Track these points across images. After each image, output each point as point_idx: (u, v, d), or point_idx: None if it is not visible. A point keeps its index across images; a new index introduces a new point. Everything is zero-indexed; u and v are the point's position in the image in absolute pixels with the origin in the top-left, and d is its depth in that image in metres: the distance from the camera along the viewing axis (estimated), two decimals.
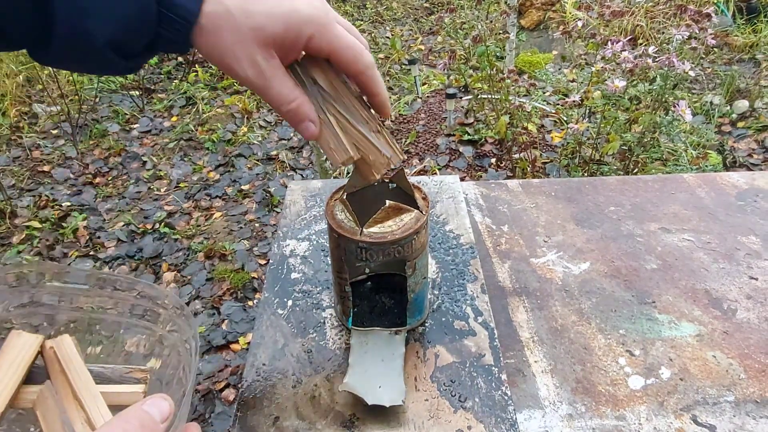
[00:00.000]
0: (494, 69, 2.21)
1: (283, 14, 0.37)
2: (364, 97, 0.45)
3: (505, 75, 2.13)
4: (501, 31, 2.77)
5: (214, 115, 2.89)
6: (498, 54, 2.97)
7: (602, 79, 1.77)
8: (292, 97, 0.40)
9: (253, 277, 1.96)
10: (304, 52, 0.41)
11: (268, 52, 0.38)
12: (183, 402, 0.34)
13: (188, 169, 2.56)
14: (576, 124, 1.83)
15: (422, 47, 3.66)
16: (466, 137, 2.58)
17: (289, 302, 0.63)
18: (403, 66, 3.36)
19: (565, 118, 2.61)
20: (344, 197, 0.53)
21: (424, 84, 3.10)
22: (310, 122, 0.42)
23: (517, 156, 2.33)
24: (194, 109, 2.95)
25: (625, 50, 1.60)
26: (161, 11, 0.35)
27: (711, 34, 1.56)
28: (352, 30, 0.42)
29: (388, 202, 0.52)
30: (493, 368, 0.54)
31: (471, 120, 2.67)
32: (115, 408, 0.37)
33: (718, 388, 0.54)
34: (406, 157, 2.55)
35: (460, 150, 2.54)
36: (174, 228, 2.21)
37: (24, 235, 2.14)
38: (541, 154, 2.41)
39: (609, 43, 1.62)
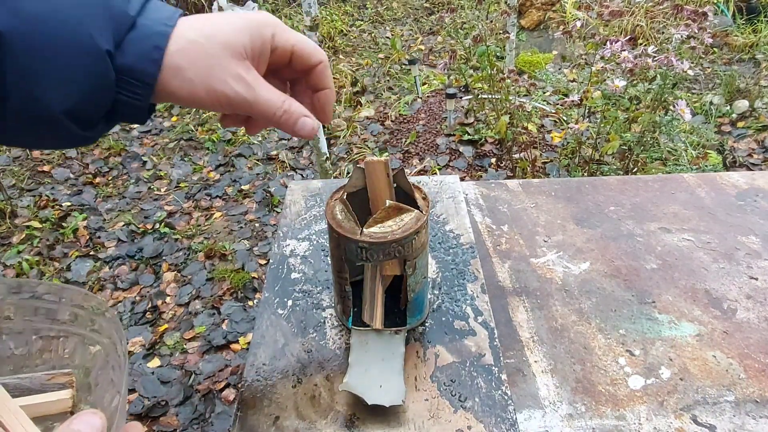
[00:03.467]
0: (494, 69, 2.21)
1: (243, 25, 0.38)
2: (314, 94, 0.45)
3: (505, 75, 2.14)
4: (501, 31, 2.77)
5: (214, 115, 2.89)
6: (498, 54, 2.97)
7: (602, 79, 1.77)
8: (282, 99, 0.41)
9: (253, 277, 1.96)
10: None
11: (245, 63, 0.39)
12: (119, 406, 0.32)
13: (188, 169, 2.56)
14: (576, 124, 1.83)
15: (422, 47, 3.66)
16: (466, 137, 2.58)
17: (290, 302, 0.63)
18: (403, 66, 3.36)
19: (565, 118, 2.61)
20: (344, 197, 0.53)
21: (424, 84, 3.10)
22: (305, 118, 0.42)
23: (517, 156, 2.33)
24: (194, 109, 2.95)
25: (624, 50, 1.60)
26: (120, 77, 0.35)
27: (709, 33, 1.56)
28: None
29: (388, 202, 0.52)
30: (493, 368, 0.55)
31: (471, 120, 2.67)
32: (43, 420, 0.34)
33: (718, 388, 0.54)
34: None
35: (460, 150, 2.54)
36: (174, 228, 2.21)
37: (24, 235, 2.14)
38: (541, 154, 2.41)
39: (608, 43, 1.62)
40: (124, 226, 2.21)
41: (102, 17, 0.34)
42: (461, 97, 2.85)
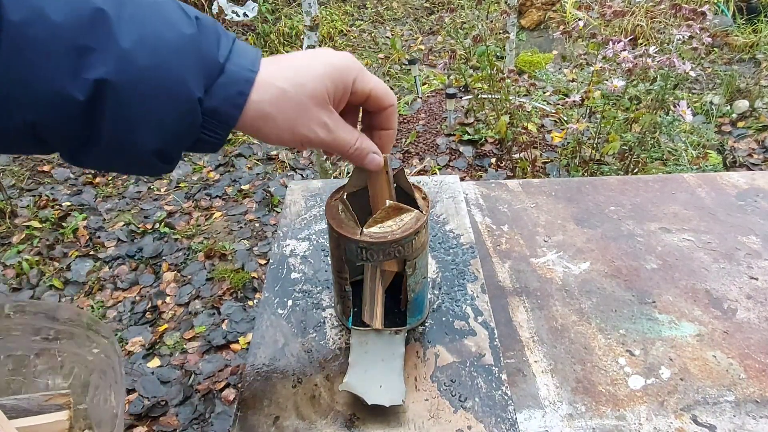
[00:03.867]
0: (494, 69, 2.21)
1: (328, 73, 0.41)
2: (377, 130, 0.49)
3: (505, 75, 2.14)
4: (501, 31, 2.77)
5: None
6: (498, 54, 2.97)
7: (602, 79, 1.77)
8: (355, 138, 0.44)
9: (253, 277, 1.96)
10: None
11: (329, 109, 0.42)
12: (117, 424, 0.33)
13: (188, 169, 2.56)
14: (576, 124, 1.83)
15: (422, 47, 3.66)
16: (466, 137, 2.58)
17: (289, 302, 0.63)
18: (403, 66, 3.36)
19: (565, 118, 2.61)
20: (344, 197, 0.53)
21: (424, 84, 3.10)
22: (373, 154, 0.46)
23: (517, 156, 2.33)
24: None
25: (625, 50, 1.60)
26: (205, 118, 0.37)
27: (708, 33, 1.56)
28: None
29: (388, 201, 0.52)
30: (493, 368, 0.54)
31: (471, 120, 2.67)
32: None
33: (718, 388, 0.54)
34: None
35: (460, 150, 2.54)
36: (174, 228, 2.21)
37: (24, 235, 2.14)
38: (541, 154, 2.41)
39: (609, 43, 1.62)
40: (123, 226, 2.21)
41: (196, 65, 0.36)
42: (461, 97, 2.85)
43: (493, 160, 2.47)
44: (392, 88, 3.19)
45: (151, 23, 0.34)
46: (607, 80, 1.65)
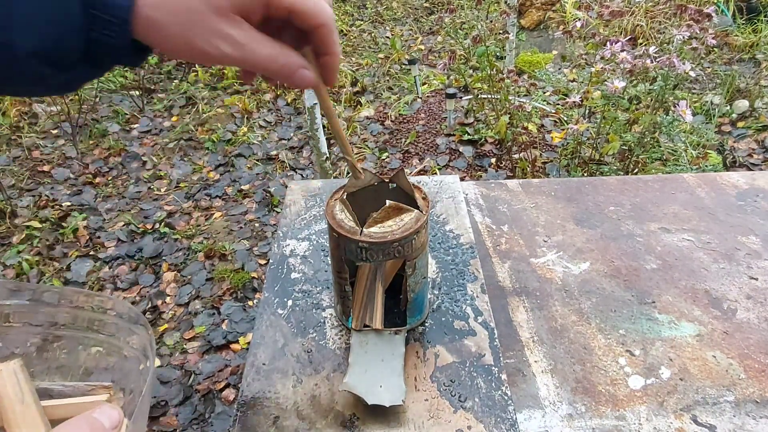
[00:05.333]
0: (494, 69, 2.21)
1: None
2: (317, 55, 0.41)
3: (504, 75, 2.14)
4: (501, 31, 2.77)
5: (214, 115, 2.89)
6: (498, 54, 2.97)
7: (602, 79, 1.77)
8: (275, 53, 0.37)
9: (253, 277, 1.96)
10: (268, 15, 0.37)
11: (234, 19, 0.35)
12: (138, 411, 0.35)
13: (188, 169, 2.56)
14: (576, 124, 1.83)
15: (422, 47, 3.66)
16: (466, 137, 2.58)
17: (289, 302, 0.63)
18: (403, 66, 3.36)
19: (565, 118, 2.61)
20: (344, 197, 0.53)
21: (424, 84, 3.10)
22: (302, 69, 0.39)
23: (517, 156, 2.33)
24: (194, 109, 2.95)
25: (624, 50, 1.60)
26: (91, 12, 0.32)
27: (711, 34, 1.56)
28: None
29: (388, 202, 0.52)
30: (493, 368, 0.54)
31: (471, 120, 2.68)
32: None
33: (718, 388, 0.54)
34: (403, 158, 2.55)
35: (460, 150, 2.54)
36: (174, 228, 2.21)
37: (24, 235, 2.14)
38: (541, 154, 2.41)
39: (608, 43, 1.62)
40: (123, 226, 2.21)
41: None
42: (461, 97, 2.85)
43: (493, 160, 2.47)
44: (392, 88, 3.18)
45: None
46: (607, 81, 1.65)
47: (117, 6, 0.32)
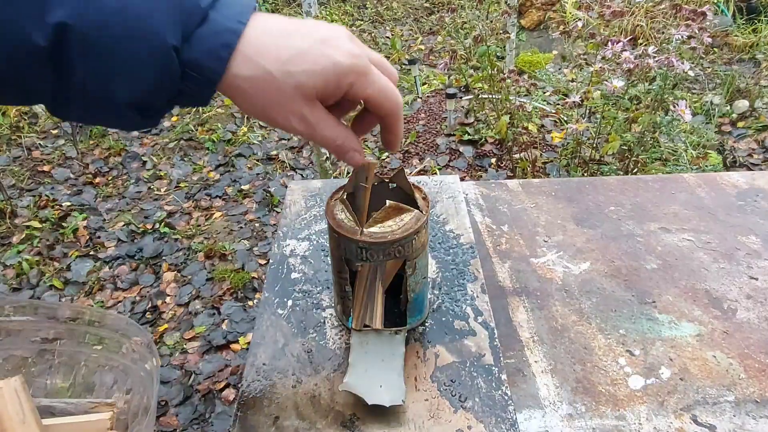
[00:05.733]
0: (495, 69, 2.21)
1: (324, 71, 0.37)
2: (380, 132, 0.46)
3: (505, 75, 2.14)
4: (501, 31, 2.77)
5: (214, 114, 2.89)
6: (498, 54, 2.97)
7: (602, 79, 1.77)
8: (336, 135, 0.41)
9: (253, 277, 1.96)
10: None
11: (313, 103, 0.38)
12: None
13: (188, 169, 2.56)
14: (575, 124, 1.83)
15: (422, 47, 3.66)
16: (466, 137, 2.58)
17: (289, 302, 0.63)
18: (403, 66, 3.36)
19: (565, 118, 2.61)
20: (344, 197, 0.53)
21: (424, 84, 3.10)
22: (354, 152, 0.43)
23: (517, 156, 2.33)
24: (194, 109, 2.95)
25: (625, 50, 1.60)
26: (185, 71, 0.34)
27: (708, 33, 1.56)
28: (383, 65, 0.42)
29: (388, 202, 0.52)
30: (493, 368, 0.55)
31: (471, 120, 2.68)
32: None
33: (718, 388, 0.54)
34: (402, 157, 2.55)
35: (460, 150, 2.54)
36: (174, 228, 2.21)
37: (24, 235, 2.14)
38: (541, 154, 2.41)
39: (609, 43, 1.62)
40: (124, 226, 2.21)
41: (172, 10, 0.33)
42: (461, 97, 2.85)
43: (493, 160, 2.47)
44: None
45: None
46: (606, 80, 1.65)
47: (211, 70, 0.35)
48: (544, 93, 2.90)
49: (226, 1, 0.35)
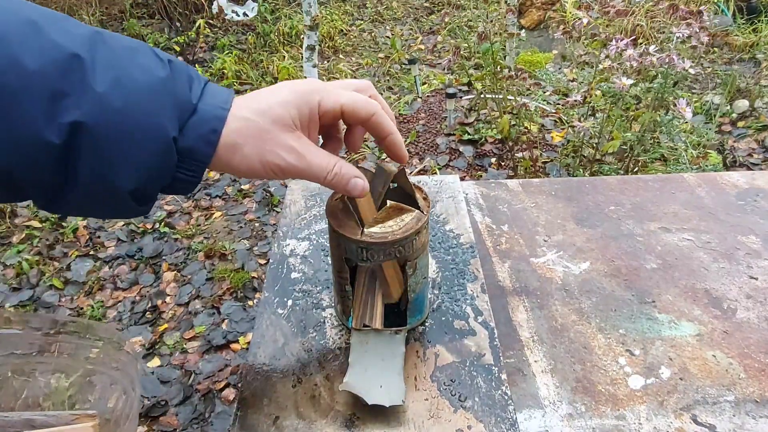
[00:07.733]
0: (498, 67, 2.21)
1: (290, 99, 0.41)
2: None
3: (510, 73, 2.14)
4: (503, 31, 2.77)
5: None
6: (501, 53, 2.96)
7: (607, 77, 1.77)
8: (332, 163, 0.43)
9: (253, 277, 1.96)
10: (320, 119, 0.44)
11: (295, 133, 0.42)
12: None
13: None
14: (581, 122, 1.83)
15: (422, 47, 3.66)
16: (466, 137, 2.58)
17: (289, 302, 0.63)
18: (403, 66, 3.36)
19: (565, 118, 2.61)
20: (344, 197, 0.53)
21: (424, 84, 3.10)
22: (356, 179, 0.45)
23: (519, 155, 2.33)
24: None
25: (629, 49, 1.60)
26: (180, 158, 0.38)
27: (706, 32, 1.57)
28: (353, 85, 0.46)
29: (389, 202, 0.52)
30: (493, 368, 0.55)
31: (471, 119, 2.67)
32: None
33: (718, 388, 0.54)
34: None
35: (460, 149, 2.54)
36: (174, 228, 2.21)
37: (24, 235, 2.15)
38: (541, 154, 2.41)
39: (613, 41, 1.62)
40: (123, 225, 2.21)
41: (171, 106, 0.37)
42: (461, 97, 2.85)
43: (494, 159, 2.47)
44: (392, 88, 3.18)
45: (124, 67, 0.35)
46: (612, 78, 1.65)
47: (203, 153, 0.39)
48: (544, 93, 2.90)
49: (211, 93, 0.40)
